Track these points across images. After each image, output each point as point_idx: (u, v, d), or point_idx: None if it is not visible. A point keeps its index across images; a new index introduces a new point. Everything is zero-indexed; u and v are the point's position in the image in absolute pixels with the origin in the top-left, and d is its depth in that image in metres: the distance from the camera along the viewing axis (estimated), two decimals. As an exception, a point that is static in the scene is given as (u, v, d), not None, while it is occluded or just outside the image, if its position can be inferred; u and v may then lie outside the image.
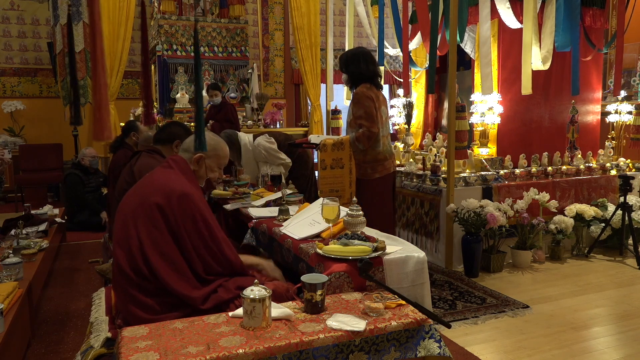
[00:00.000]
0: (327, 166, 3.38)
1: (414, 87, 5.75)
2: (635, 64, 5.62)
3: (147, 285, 1.78)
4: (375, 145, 3.29)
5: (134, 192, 1.98)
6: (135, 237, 1.82)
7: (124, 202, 1.99)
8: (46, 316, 3.15)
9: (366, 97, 3.22)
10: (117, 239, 1.88)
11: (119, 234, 1.88)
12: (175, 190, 1.88)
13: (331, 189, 3.35)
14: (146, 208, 1.85)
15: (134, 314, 1.76)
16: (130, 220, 1.86)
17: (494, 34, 4.37)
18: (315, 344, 1.49)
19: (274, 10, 8.58)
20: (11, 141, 7.54)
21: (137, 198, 1.92)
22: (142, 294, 1.77)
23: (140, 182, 2.04)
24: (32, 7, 7.95)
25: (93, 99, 2.21)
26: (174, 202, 1.85)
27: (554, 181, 4.34)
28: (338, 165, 3.35)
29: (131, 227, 1.84)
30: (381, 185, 3.34)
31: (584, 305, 3.19)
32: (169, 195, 1.86)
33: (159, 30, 6.27)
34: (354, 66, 3.31)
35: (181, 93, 6.23)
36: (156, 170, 2.04)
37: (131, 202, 1.93)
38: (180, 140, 2.72)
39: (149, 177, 2.02)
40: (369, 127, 3.20)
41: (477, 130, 4.57)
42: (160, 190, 1.88)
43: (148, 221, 1.83)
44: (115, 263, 1.86)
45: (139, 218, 1.85)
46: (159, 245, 1.81)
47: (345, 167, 3.34)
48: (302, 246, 2.22)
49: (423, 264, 2.08)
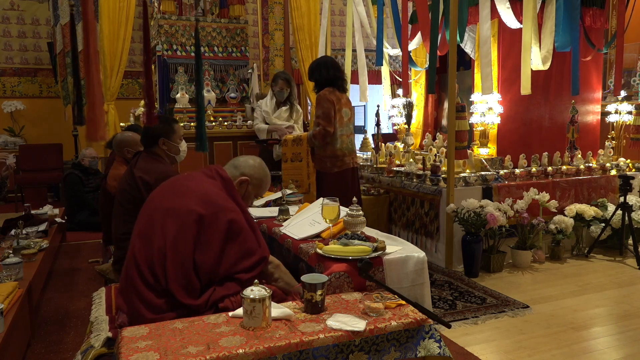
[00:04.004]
0: (288, 159, 3.86)
1: (414, 87, 5.75)
2: (635, 64, 5.62)
3: (156, 286, 1.76)
4: (333, 142, 3.61)
5: (169, 190, 1.94)
6: (160, 236, 1.79)
7: (155, 197, 1.94)
8: (46, 316, 3.15)
9: (326, 100, 3.56)
10: (140, 231, 1.84)
11: (144, 227, 1.84)
12: (222, 207, 1.84)
13: (292, 179, 3.77)
14: (182, 212, 1.81)
15: (137, 309, 1.74)
16: (159, 217, 1.83)
17: (494, 34, 4.37)
18: (315, 344, 1.49)
19: (274, 10, 8.58)
20: (11, 141, 7.54)
21: (172, 199, 1.87)
22: (149, 290, 1.75)
23: (177, 183, 1.98)
24: (32, 7, 7.95)
25: (87, 99, 2.21)
26: (219, 218, 1.81)
27: (554, 181, 4.34)
28: (297, 158, 3.79)
29: (158, 225, 1.81)
30: (340, 178, 3.66)
31: (584, 305, 3.19)
32: (213, 209, 1.82)
33: (159, 30, 6.27)
34: (318, 73, 3.68)
35: (181, 93, 6.22)
36: (198, 177, 1.98)
37: (164, 200, 1.89)
38: (165, 138, 2.70)
39: (188, 180, 1.97)
40: (324, 126, 3.54)
41: (477, 130, 4.57)
42: (204, 201, 1.83)
43: (181, 226, 1.79)
44: (131, 254, 1.82)
45: (170, 218, 1.81)
46: (180, 253, 1.77)
47: (304, 161, 3.76)
48: (302, 246, 2.22)
49: (423, 264, 2.08)
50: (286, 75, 4.52)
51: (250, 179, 2.06)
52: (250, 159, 2.13)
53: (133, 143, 3.57)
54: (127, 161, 3.47)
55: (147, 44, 3.17)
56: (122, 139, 3.61)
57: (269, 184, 2.19)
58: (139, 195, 2.52)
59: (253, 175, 2.08)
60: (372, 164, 5.13)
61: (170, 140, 2.70)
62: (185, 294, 1.75)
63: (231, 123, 6.28)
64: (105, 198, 3.53)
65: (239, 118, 6.33)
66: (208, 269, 1.79)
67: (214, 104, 6.38)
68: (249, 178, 2.06)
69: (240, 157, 2.13)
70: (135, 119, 6.36)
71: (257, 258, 1.87)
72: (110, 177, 3.48)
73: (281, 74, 4.54)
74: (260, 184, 2.12)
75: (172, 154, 2.74)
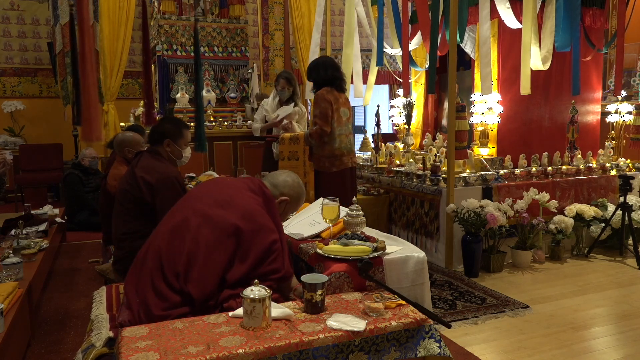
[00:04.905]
0: (285, 157, 3.87)
1: (414, 87, 5.75)
2: (635, 64, 5.62)
3: (174, 283, 1.74)
4: (331, 142, 3.62)
5: (211, 195, 1.92)
6: (193, 240, 1.77)
7: (194, 196, 1.93)
8: (46, 316, 3.15)
9: (324, 99, 3.56)
10: (172, 227, 1.83)
11: (177, 224, 1.83)
12: (264, 227, 1.82)
13: None
14: (223, 224, 1.79)
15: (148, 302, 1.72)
16: (196, 221, 1.81)
17: (494, 34, 4.37)
18: (315, 344, 1.49)
19: (274, 10, 8.58)
20: (11, 141, 7.54)
21: (214, 206, 1.85)
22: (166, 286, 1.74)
23: (220, 189, 1.96)
24: (32, 7, 7.95)
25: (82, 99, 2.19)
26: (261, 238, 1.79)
27: (554, 181, 4.34)
28: (294, 157, 3.79)
29: (193, 228, 1.80)
30: (338, 178, 3.66)
31: (584, 305, 3.19)
32: (254, 227, 1.80)
33: (159, 30, 6.27)
34: (316, 73, 3.69)
35: (181, 93, 6.22)
36: (242, 188, 1.96)
37: (204, 204, 1.87)
38: (170, 139, 2.70)
39: (232, 190, 1.95)
40: (321, 125, 3.54)
41: (477, 130, 4.57)
42: (246, 217, 1.82)
43: (218, 237, 1.77)
44: (156, 247, 1.80)
45: (208, 226, 1.79)
46: (211, 263, 1.75)
47: (300, 159, 3.76)
48: (302, 246, 2.22)
49: (423, 264, 2.09)
50: (287, 74, 4.51)
51: (290, 199, 2.09)
52: (288, 177, 2.13)
53: (134, 143, 3.57)
54: (127, 161, 3.47)
55: (147, 44, 3.18)
56: (123, 138, 3.61)
57: (304, 199, 2.21)
58: (140, 195, 2.51)
59: (292, 195, 2.10)
60: (372, 164, 5.13)
61: (176, 143, 2.70)
62: (203, 299, 1.75)
63: (231, 123, 6.29)
64: (105, 198, 3.53)
65: (239, 118, 6.33)
66: (233, 282, 1.78)
67: (214, 104, 6.38)
68: (289, 198, 2.08)
69: (277, 176, 2.13)
70: (135, 119, 6.36)
71: (280, 275, 1.85)
72: (111, 177, 3.48)
73: (283, 73, 4.54)
74: (297, 202, 2.15)
75: (174, 157, 2.74)
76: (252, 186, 1.99)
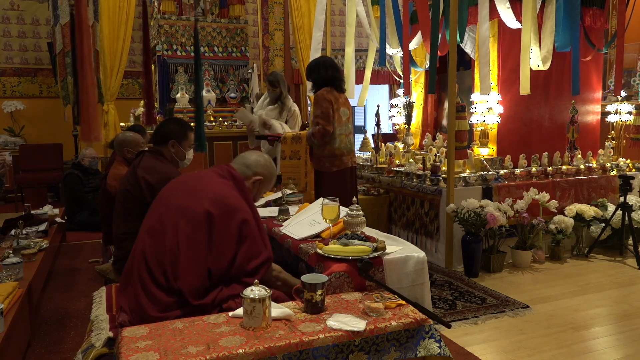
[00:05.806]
0: (286, 156, 3.87)
1: (414, 87, 5.75)
2: (635, 64, 5.62)
3: (165, 284, 1.75)
4: (332, 141, 3.62)
5: (180, 188, 1.94)
6: (172, 236, 1.79)
7: (165, 194, 1.94)
8: (46, 316, 3.15)
9: (324, 99, 3.56)
10: (150, 228, 1.84)
11: (154, 224, 1.84)
12: (235, 207, 1.84)
13: (289, 177, 3.79)
14: (195, 212, 1.81)
15: (143, 306, 1.73)
16: (171, 216, 1.83)
17: (494, 34, 4.37)
18: (315, 344, 1.49)
19: (274, 10, 8.58)
20: (11, 141, 7.54)
21: (184, 197, 1.87)
22: (158, 288, 1.75)
23: (188, 181, 1.98)
24: (32, 7, 7.95)
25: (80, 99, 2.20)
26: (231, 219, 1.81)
27: (554, 181, 4.34)
28: (295, 156, 3.78)
29: (170, 224, 1.81)
30: (338, 178, 3.67)
31: (584, 305, 3.19)
32: (225, 209, 1.82)
33: (159, 30, 6.27)
34: (316, 73, 3.69)
35: (181, 93, 6.23)
36: (210, 176, 1.98)
37: (176, 198, 1.89)
38: (175, 140, 2.70)
39: (200, 179, 1.97)
40: (323, 125, 3.54)
41: (477, 130, 4.57)
42: (216, 201, 1.83)
43: (194, 226, 1.79)
44: (139, 252, 1.81)
45: (182, 218, 1.81)
46: (193, 254, 1.77)
47: (302, 159, 3.74)
48: (302, 246, 2.22)
49: (423, 264, 2.08)
50: (271, 77, 4.58)
51: (263, 178, 2.08)
52: (260, 157, 2.13)
53: (134, 143, 3.57)
54: (127, 161, 3.47)
55: (147, 44, 3.18)
56: (123, 139, 3.61)
57: (276, 177, 2.22)
58: (141, 195, 2.51)
59: (265, 174, 2.10)
60: (372, 164, 5.13)
61: (180, 145, 2.71)
62: (195, 294, 1.76)
63: (231, 123, 6.28)
64: (105, 198, 3.53)
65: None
66: (220, 270, 1.80)
67: (214, 104, 6.38)
68: (262, 177, 2.08)
69: (248, 156, 2.12)
70: (136, 119, 6.36)
71: (262, 259, 1.87)
72: (111, 177, 3.48)
73: (268, 76, 4.61)
74: (270, 181, 2.15)
75: (177, 158, 2.74)
76: (220, 171, 2.00)
